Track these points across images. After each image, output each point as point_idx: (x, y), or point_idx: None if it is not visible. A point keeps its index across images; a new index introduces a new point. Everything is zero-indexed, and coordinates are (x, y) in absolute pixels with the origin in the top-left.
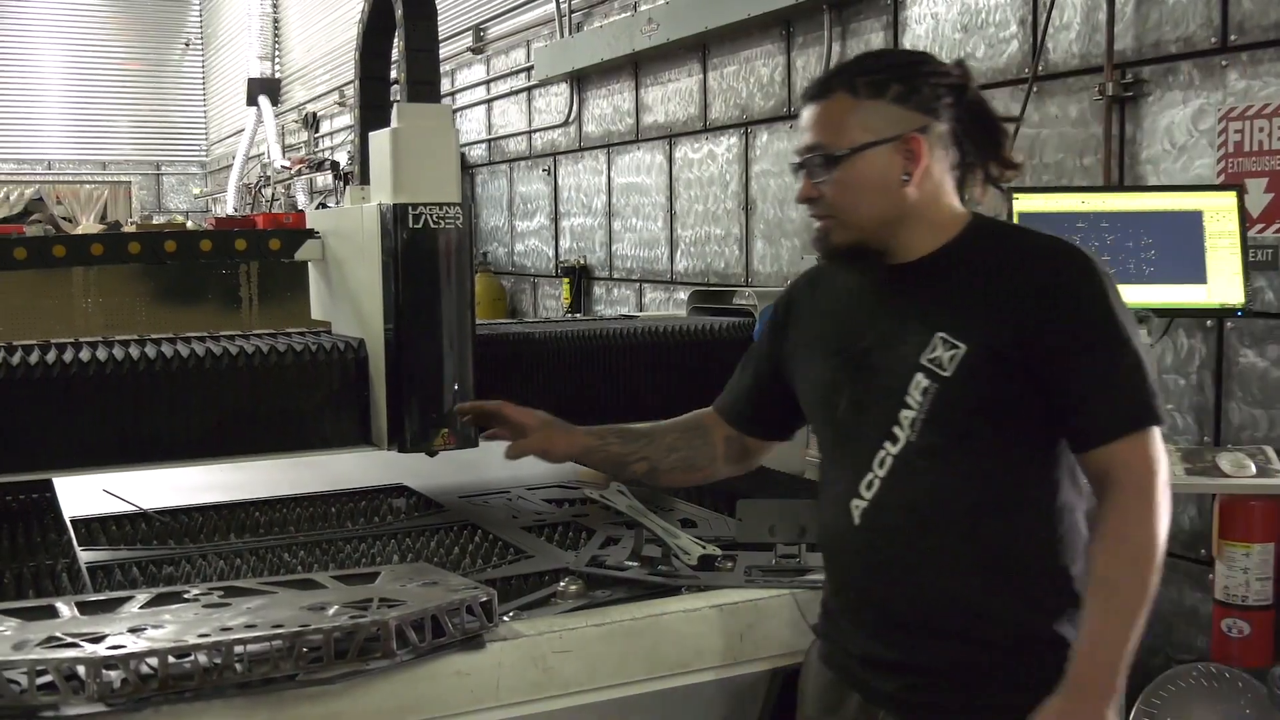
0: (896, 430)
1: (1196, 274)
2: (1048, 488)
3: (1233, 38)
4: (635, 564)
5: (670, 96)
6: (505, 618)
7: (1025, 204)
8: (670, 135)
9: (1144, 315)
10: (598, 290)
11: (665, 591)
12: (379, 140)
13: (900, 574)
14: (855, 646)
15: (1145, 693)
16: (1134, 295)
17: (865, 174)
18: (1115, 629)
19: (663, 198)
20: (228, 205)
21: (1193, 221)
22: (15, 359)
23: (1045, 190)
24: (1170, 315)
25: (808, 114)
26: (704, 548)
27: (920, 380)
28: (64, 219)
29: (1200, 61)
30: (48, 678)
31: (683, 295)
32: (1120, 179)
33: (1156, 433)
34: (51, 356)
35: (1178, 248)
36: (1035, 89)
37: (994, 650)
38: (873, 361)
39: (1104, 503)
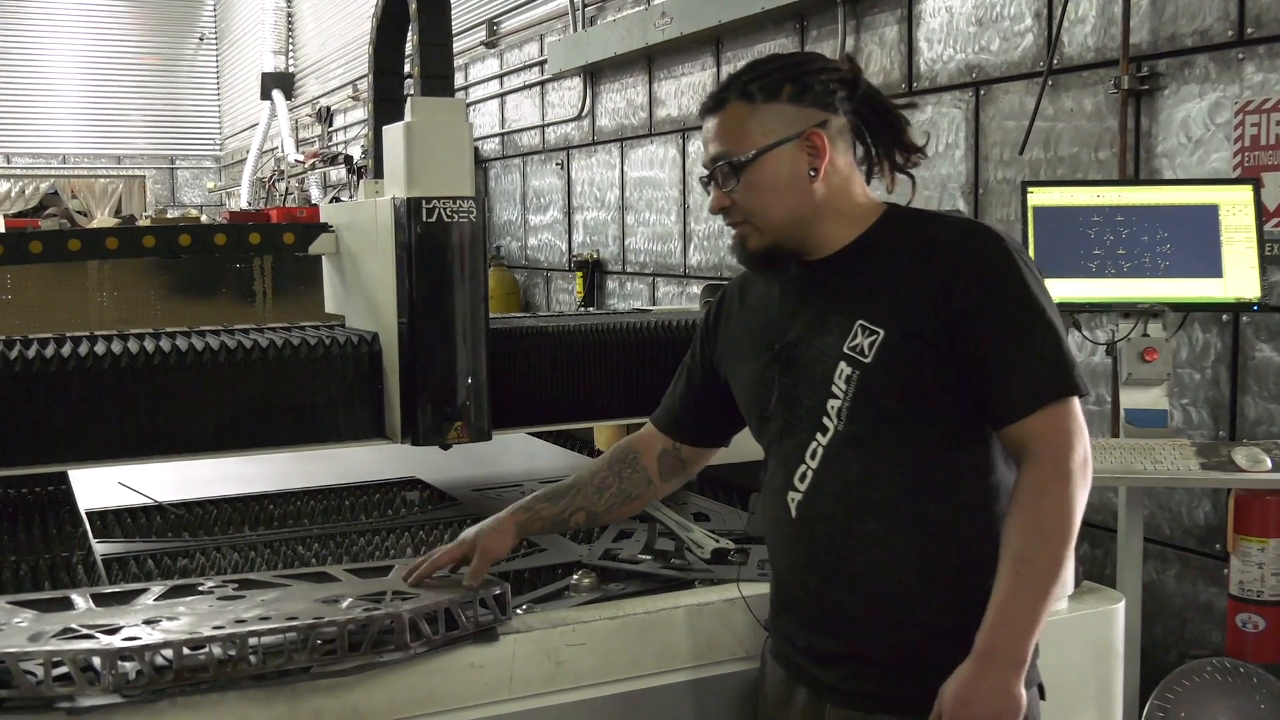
0: (825, 420)
1: (1212, 268)
2: (979, 468)
3: (1249, 30)
4: (648, 557)
5: (684, 90)
6: (519, 611)
7: (1040, 198)
8: (684, 129)
9: (1159, 310)
10: (611, 284)
11: (678, 585)
12: (393, 134)
13: (836, 563)
14: (798, 639)
15: (1159, 688)
16: (1149, 290)
17: (772, 175)
18: (1025, 601)
19: (676, 192)
20: (242, 199)
21: (1209, 215)
22: (31, 352)
23: (1060, 184)
24: (1186, 310)
25: (708, 127)
26: (717, 541)
27: (844, 369)
28: (79, 213)
29: (1217, 54)
30: (64, 669)
31: (696, 289)
32: (1136, 172)
33: (1075, 404)
34: (67, 350)
35: (1193, 242)
36: (1050, 82)
37: (933, 637)
38: (799, 355)
39: (1020, 475)
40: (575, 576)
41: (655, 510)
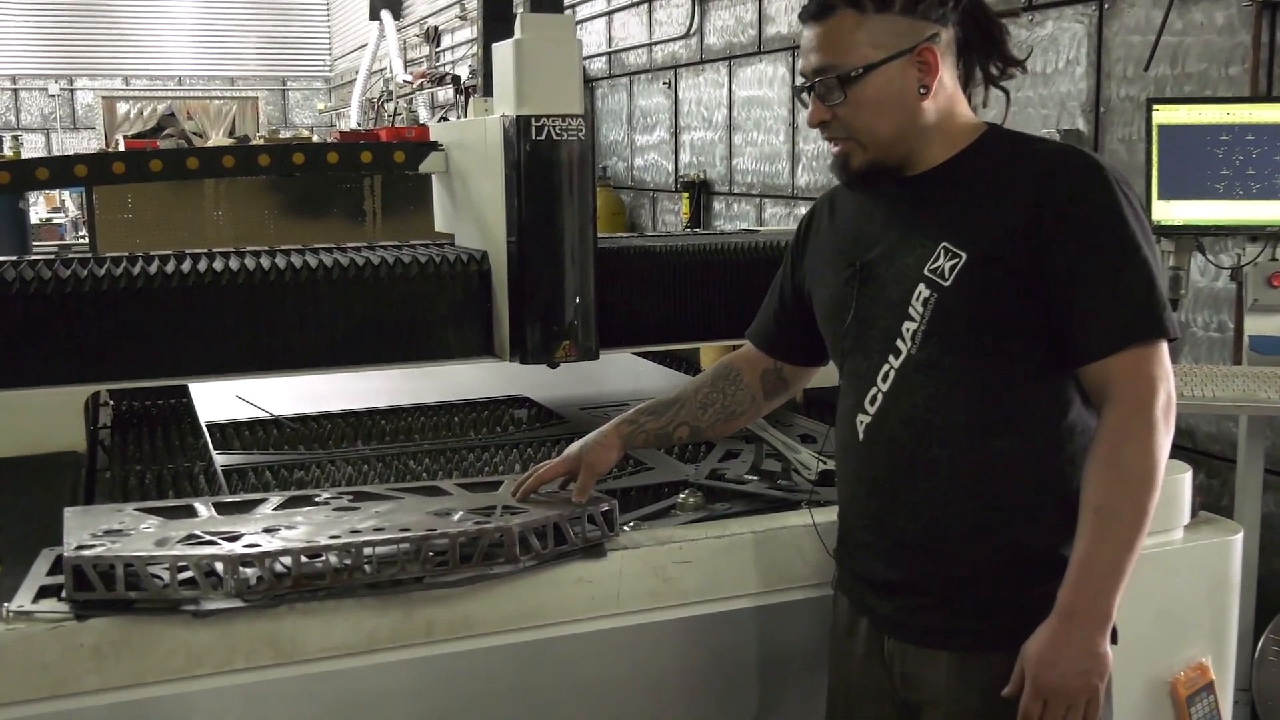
0: (899, 343)
1: None
2: (1055, 405)
3: None
4: (755, 478)
5: (794, 6)
6: (626, 528)
7: (1165, 116)
8: (793, 47)
9: None
10: (717, 205)
11: (785, 506)
12: (502, 52)
13: (898, 490)
14: (859, 567)
15: (1275, 621)
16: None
17: (881, 92)
18: (1108, 556)
19: (785, 111)
20: (351, 120)
21: None
22: (153, 269)
23: (1187, 101)
24: None
25: (811, 35)
26: (824, 463)
27: (922, 291)
28: (195, 134)
29: None
30: (188, 573)
31: (804, 210)
32: (1269, 89)
33: (1163, 348)
34: (187, 266)
35: None
36: None
37: (989, 574)
38: (879, 273)
39: (1100, 421)
40: (682, 495)
41: (762, 431)
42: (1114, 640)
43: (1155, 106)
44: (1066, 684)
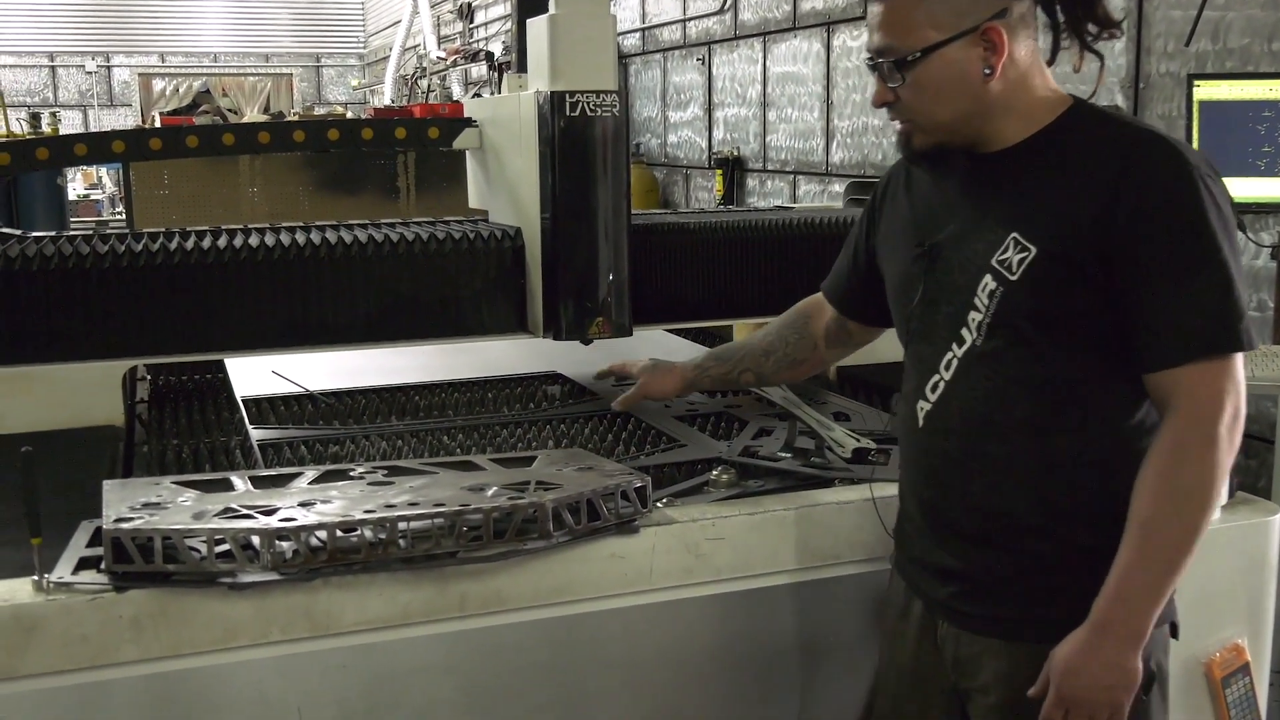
0: (964, 332)
1: None
2: (1122, 404)
3: None
4: (788, 455)
5: None
6: (659, 504)
7: (1207, 91)
8: (829, 23)
9: None
10: (751, 182)
11: (818, 483)
12: (537, 27)
13: (955, 480)
14: (916, 550)
15: None
16: None
17: (941, 74)
18: (1150, 574)
19: (819, 87)
20: (385, 97)
21: None
22: (190, 244)
23: (1229, 77)
24: None
25: (874, 12)
26: (858, 440)
27: (988, 282)
28: (229, 111)
29: None
30: (225, 546)
31: (838, 188)
32: None
33: (1234, 360)
34: (223, 242)
35: None
36: None
37: (1049, 565)
38: (947, 257)
39: (1160, 432)
40: (715, 472)
41: (796, 408)
42: (1174, 634)
43: (1196, 82)
44: (1088, 696)
